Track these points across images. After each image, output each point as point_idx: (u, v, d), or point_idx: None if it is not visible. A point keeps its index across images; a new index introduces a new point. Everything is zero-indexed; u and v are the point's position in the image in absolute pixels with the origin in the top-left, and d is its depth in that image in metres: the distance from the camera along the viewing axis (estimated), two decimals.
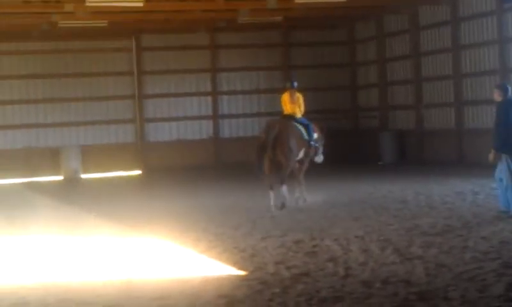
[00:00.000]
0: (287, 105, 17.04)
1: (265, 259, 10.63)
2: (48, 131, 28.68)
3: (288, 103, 17.03)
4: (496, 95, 13.41)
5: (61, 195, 22.02)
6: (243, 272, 9.82)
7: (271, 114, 30.08)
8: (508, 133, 12.97)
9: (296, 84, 17.14)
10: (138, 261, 11.02)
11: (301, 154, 16.68)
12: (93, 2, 22.31)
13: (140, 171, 28.79)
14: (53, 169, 27.74)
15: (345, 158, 27.41)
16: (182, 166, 28.21)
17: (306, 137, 16.70)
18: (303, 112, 17.13)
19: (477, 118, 24.38)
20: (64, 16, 24.87)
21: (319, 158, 17.44)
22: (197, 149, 29.37)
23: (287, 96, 17.11)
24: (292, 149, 16.22)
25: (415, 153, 27.04)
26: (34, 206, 19.05)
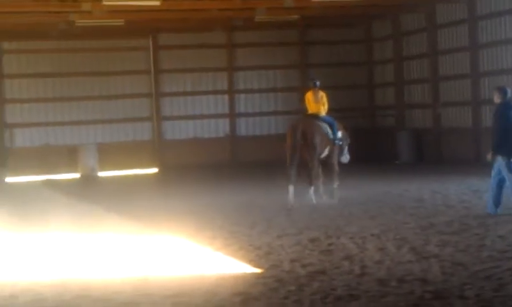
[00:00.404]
0: (311, 104, 17.23)
1: (280, 257, 10.64)
2: (65, 129, 28.83)
3: (312, 102, 17.22)
4: (495, 97, 13.57)
5: (78, 193, 22.10)
6: (258, 270, 9.83)
7: (287, 113, 30.15)
8: (506, 134, 13.14)
9: (319, 83, 17.31)
10: (154, 258, 11.06)
11: (326, 152, 16.85)
12: (110, 1, 22.36)
13: (157, 169, 28.86)
14: (70, 166, 27.86)
15: (362, 157, 27.29)
16: (198, 164, 28.25)
17: (331, 136, 16.84)
18: (327, 110, 17.28)
19: None
20: (82, 15, 24.97)
21: (345, 158, 17.54)
22: (213, 147, 29.40)
23: (310, 95, 17.31)
24: (316, 147, 16.42)
25: (432, 152, 26.94)
26: (52, 204, 19.15)
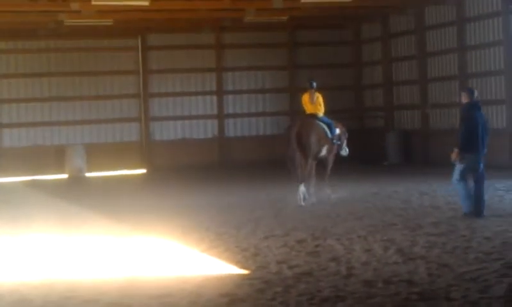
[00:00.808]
0: (308, 106, 17.46)
1: (267, 258, 10.64)
2: (53, 129, 28.74)
3: (308, 103, 17.45)
4: (463, 98, 13.89)
5: (65, 193, 22.04)
6: (245, 271, 9.83)
7: (276, 114, 30.22)
8: (472, 134, 13.43)
9: (315, 84, 17.52)
10: (140, 259, 11.04)
11: (323, 151, 17.14)
12: (99, 1, 22.31)
13: (145, 170, 28.82)
14: (58, 167, 27.78)
15: (350, 158, 27.34)
16: (186, 165, 28.23)
17: (330, 135, 17.14)
18: (323, 111, 17.48)
19: None
20: (71, 15, 24.91)
21: (344, 151, 18.02)
22: (202, 148, 29.38)
23: (306, 97, 17.53)
24: (311, 147, 16.66)
25: (420, 153, 27.01)
26: (39, 205, 19.09)
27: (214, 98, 29.99)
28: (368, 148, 29.45)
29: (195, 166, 28.11)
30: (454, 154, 13.56)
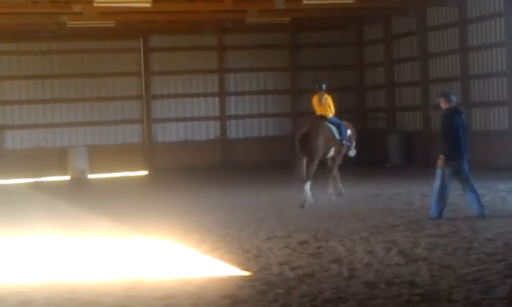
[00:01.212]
0: (317, 107, 17.61)
1: (269, 260, 10.64)
2: (55, 131, 28.76)
3: (317, 105, 17.61)
4: (442, 103, 13.92)
5: (67, 195, 22.06)
6: (247, 273, 9.83)
7: (278, 115, 30.23)
8: (453, 139, 13.49)
9: (324, 86, 17.68)
10: (143, 261, 11.05)
11: (331, 152, 17.30)
12: (101, 3, 22.35)
13: (147, 172, 28.83)
14: (60, 169, 27.80)
15: (352, 160, 27.35)
16: (188, 167, 28.23)
17: (338, 137, 17.25)
18: (334, 112, 17.62)
19: (484, 119, 24.35)
20: (73, 17, 24.93)
21: (352, 152, 18.23)
22: (204, 149, 29.40)
23: (316, 98, 17.69)
24: (318, 148, 16.80)
25: (422, 155, 26.99)
26: (41, 206, 19.10)
27: (216, 99, 30.00)
28: (370, 149, 29.44)
29: (197, 168, 28.11)
30: (440, 161, 13.59)
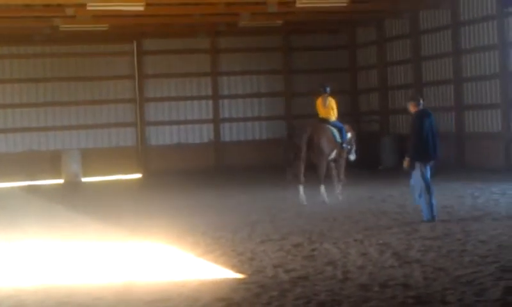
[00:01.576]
0: (320, 110, 17.87)
1: (263, 262, 10.66)
2: (49, 134, 28.72)
3: (321, 107, 17.85)
4: (411, 107, 14.16)
5: (61, 198, 22.03)
6: (241, 276, 9.84)
7: (271, 118, 30.24)
8: (422, 142, 13.71)
9: (329, 89, 17.91)
10: (137, 264, 11.05)
11: (333, 154, 17.65)
12: (94, 6, 22.34)
13: (140, 175, 28.81)
14: (54, 172, 27.74)
15: (346, 162, 27.38)
16: (182, 170, 28.21)
17: (339, 140, 17.59)
18: (336, 115, 17.88)
19: (478, 122, 24.41)
20: (66, 20, 24.89)
21: (352, 156, 18.51)
22: (198, 153, 29.38)
23: (319, 101, 17.92)
24: (323, 150, 17.20)
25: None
26: (35, 210, 19.08)
27: (210, 102, 30.00)
28: (363, 152, 29.47)
29: (191, 171, 28.09)
30: (406, 162, 13.83)
